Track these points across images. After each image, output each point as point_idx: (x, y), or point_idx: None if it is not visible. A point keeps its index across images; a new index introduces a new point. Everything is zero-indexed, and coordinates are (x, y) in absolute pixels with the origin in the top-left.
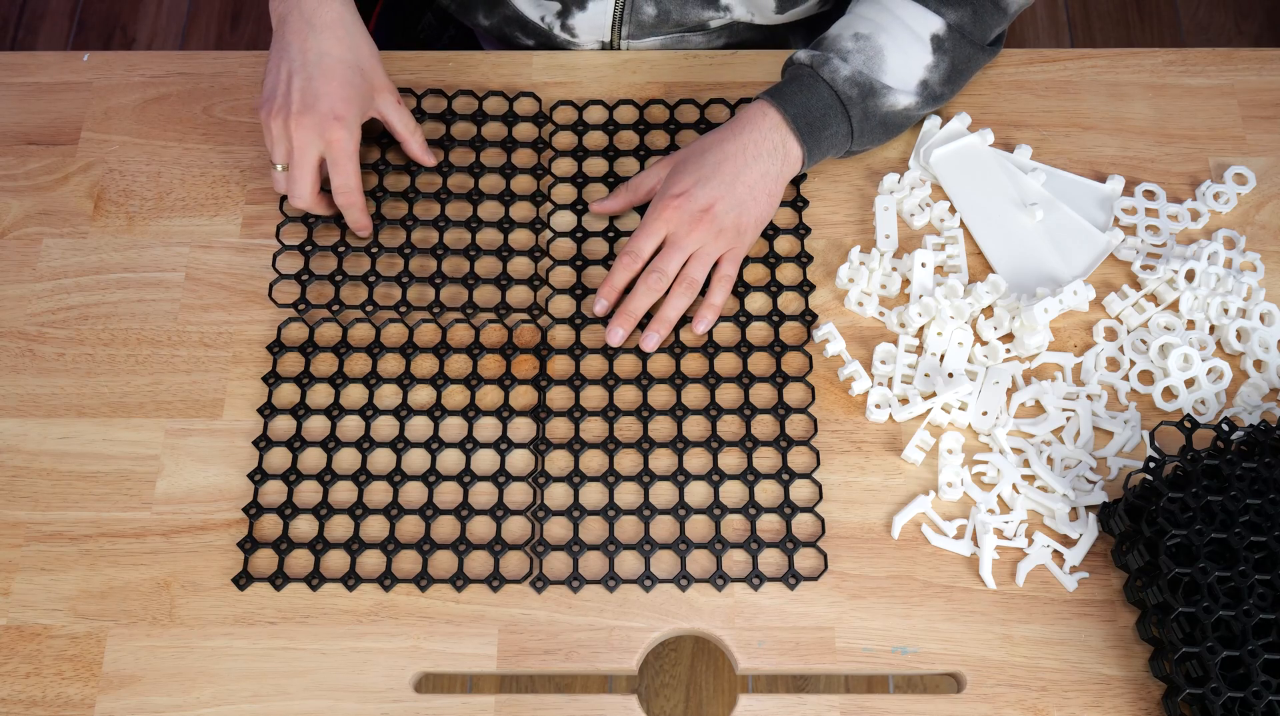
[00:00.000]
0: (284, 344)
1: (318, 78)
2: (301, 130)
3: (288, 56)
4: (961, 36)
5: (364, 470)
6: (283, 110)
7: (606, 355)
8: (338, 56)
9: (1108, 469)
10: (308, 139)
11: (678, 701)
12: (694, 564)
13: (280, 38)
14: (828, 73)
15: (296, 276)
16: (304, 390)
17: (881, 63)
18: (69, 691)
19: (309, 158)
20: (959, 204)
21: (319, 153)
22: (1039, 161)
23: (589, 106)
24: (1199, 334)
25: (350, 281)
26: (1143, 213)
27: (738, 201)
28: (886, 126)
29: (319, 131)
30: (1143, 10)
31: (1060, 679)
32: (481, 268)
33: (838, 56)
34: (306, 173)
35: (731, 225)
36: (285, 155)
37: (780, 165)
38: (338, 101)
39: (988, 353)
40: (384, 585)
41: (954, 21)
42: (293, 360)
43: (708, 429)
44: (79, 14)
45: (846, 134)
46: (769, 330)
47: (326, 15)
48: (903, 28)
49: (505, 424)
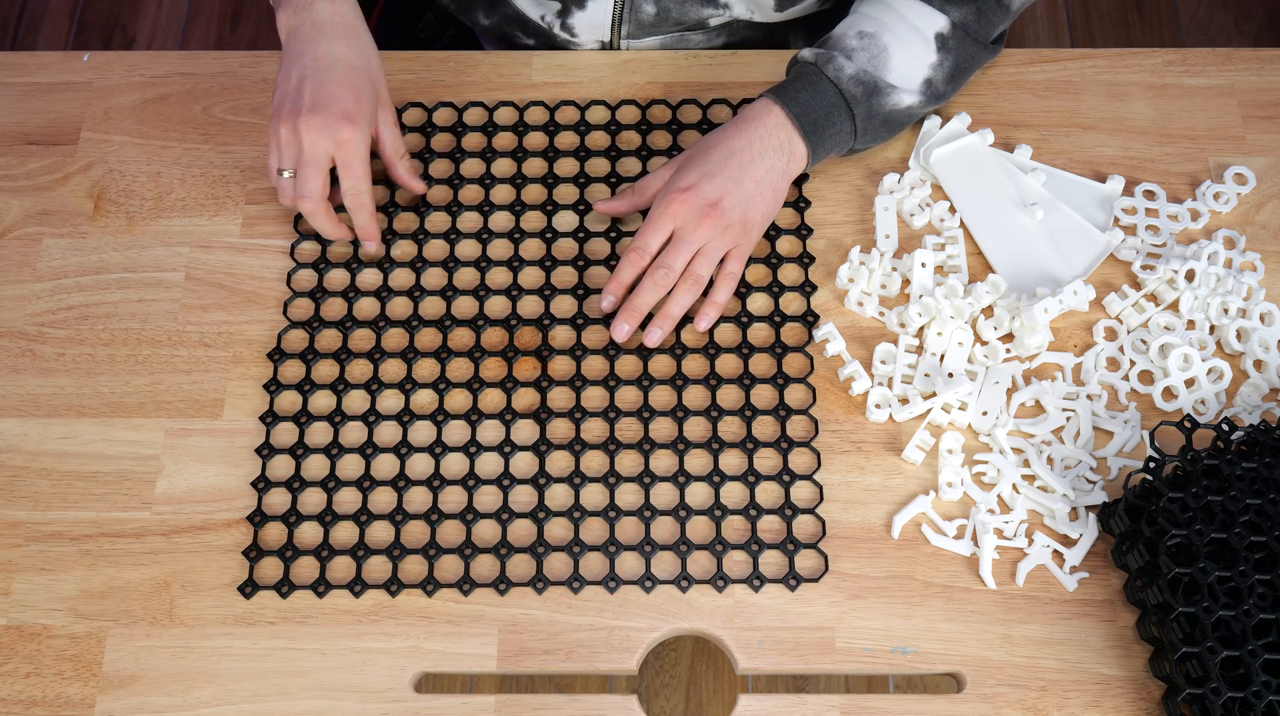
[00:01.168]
0: (285, 351)
1: (329, 81)
2: (311, 130)
3: (299, 63)
4: (965, 34)
5: (367, 475)
6: (292, 113)
7: (608, 356)
8: (350, 62)
9: (1108, 469)
10: (317, 139)
11: (678, 701)
12: (694, 565)
13: (290, 48)
14: (832, 71)
15: (310, 294)
16: (305, 397)
17: (886, 61)
18: (69, 691)
19: (318, 156)
20: (959, 204)
21: (329, 154)
22: (1039, 161)
23: (591, 107)
24: (1199, 334)
25: (363, 296)
26: (1143, 213)
27: (745, 197)
28: (889, 125)
29: (330, 132)
30: (1143, 10)
31: (1060, 679)
32: (492, 279)
33: (842, 54)
34: (317, 170)
35: (738, 220)
36: (294, 159)
37: (786, 162)
38: (350, 103)
39: (988, 352)
40: (390, 591)
41: (958, 19)
42: (294, 367)
43: (709, 430)
44: (79, 14)
45: (850, 132)
46: (770, 331)
47: (340, 22)
48: (907, 26)
49: (508, 427)
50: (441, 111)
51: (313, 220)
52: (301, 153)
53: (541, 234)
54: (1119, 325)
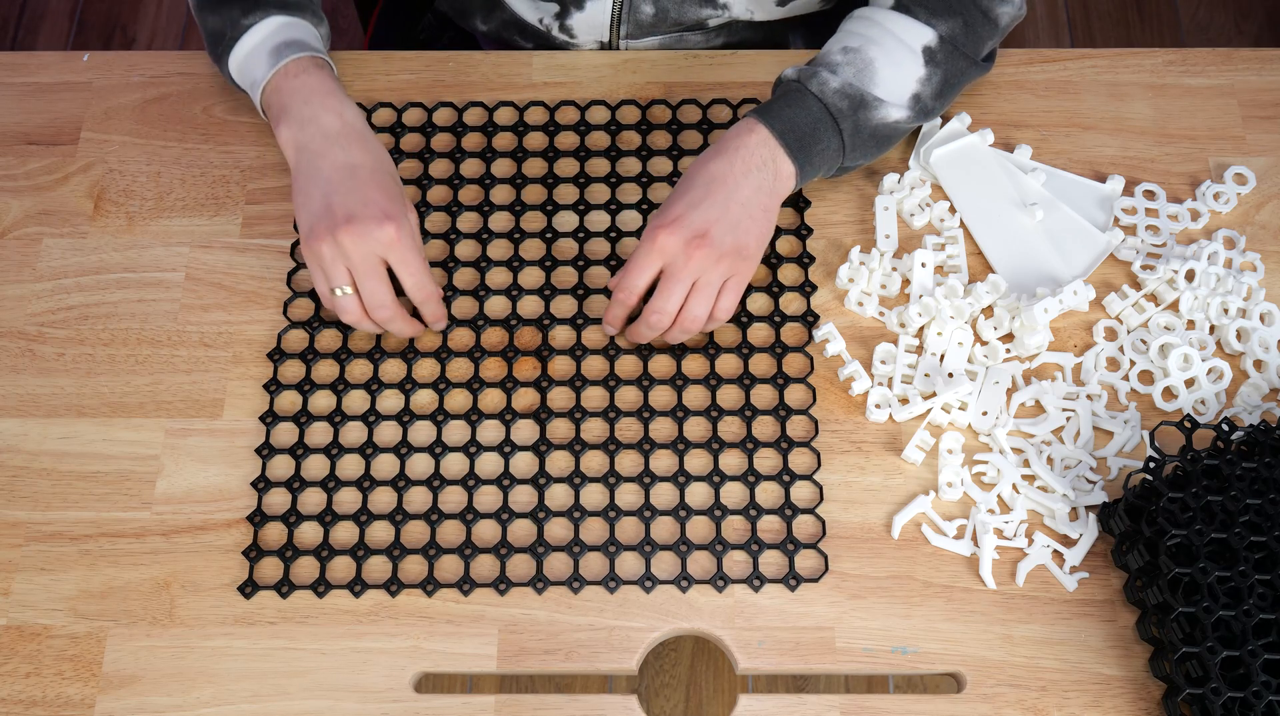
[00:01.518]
0: (284, 351)
1: (356, 188)
2: (354, 240)
3: (318, 180)
4: (954, 49)
5: (367, 476)
6: (329, 230)
7: (607, 356)
8: (370, 167)
9: (1108, 469)
10: (364, 247)
11: (678, 701)
12: (694, 565)
13: (302, 165)
14: (815, 85)
15: (310, 293)
16: (305, 397)
17: (872, 75)
18: (69, 691)
19: (372, 265)
20: (959, 204)
21: (381, 258)
22: (1039, 161)
23: (591, 107)
24: (1199, 334)
25: None
26: (1143, 213)
27: (734, 222)
28: (878, 140)
29: (375, 237)
30: (1143, 10)
31: (1060, 679)
32: (491, 280)
33: (826, 69)
34: (378, 279)
35: (731, 248)
36: (345, 276)
37: (772, 180)
38: (384, 203)
39: (988, 352)
40: (390, 591)
41: (945, 33)
42: (294, 367)
43: (709, 430)
44: (79, 14)
45: (838, 148)
46: (770, 331)
47: (349, 131)
48: (894, 40)
49: (508, 427)
50: (441, 111)
51: (389, 327)
52: (354, 265)
53: (541, 234)
54: (1119, 325)
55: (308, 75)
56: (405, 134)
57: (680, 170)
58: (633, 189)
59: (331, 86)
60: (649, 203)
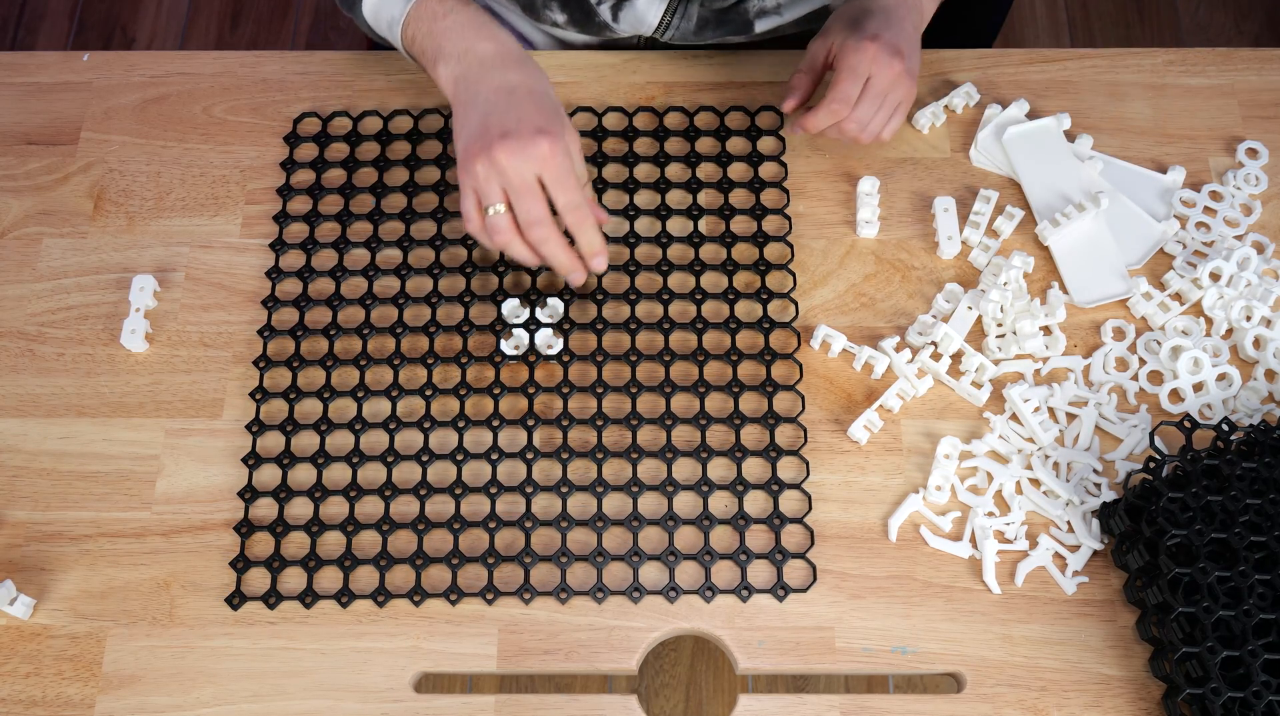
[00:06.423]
0: (270, 358)
1: (513, 106)
2: (509, 155)
3: (475, 104)
4: None
5: (354, 485)
6: (484, 148)
7: (595, 362)
8: (529, 86)
9: (1114, 472)
10: (520, 163)
11: (678, 701)
12: (682, 574)
13: (460, 94)
14: None
15: (295, 302)
16: (291, 405)
17: None
18: (69, 691)
19: (527, 179)
20: (1026, 185)
21: (536, 174)
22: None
23: (591, 107)
24: (1214, 341)
25: (348, 305)
26: (1200, 209)
27: (914, 48)
28: None
29: (531, 152)
30: (1143, 10)
31: (1060, 679)
32: (477, 284)
33: None
34: (533, 195)
35: (910, 72)
36: (498, 193)
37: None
38: (540, 119)
39: (1001, 345)
40: (378, 601)
41: None
42: (279, 374)
43: (696, 437)
44: (79, 14)
45: None
46: (758, 337)
47: (507, 55)
48: None
49: (495, 434)
50: (437, 116)
51: (543, 249)
52: (509, 181)
53: None
54: (1128, 325)
55: (456, 14)
56: (409, 139)
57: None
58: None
59: (483, 19)
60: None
